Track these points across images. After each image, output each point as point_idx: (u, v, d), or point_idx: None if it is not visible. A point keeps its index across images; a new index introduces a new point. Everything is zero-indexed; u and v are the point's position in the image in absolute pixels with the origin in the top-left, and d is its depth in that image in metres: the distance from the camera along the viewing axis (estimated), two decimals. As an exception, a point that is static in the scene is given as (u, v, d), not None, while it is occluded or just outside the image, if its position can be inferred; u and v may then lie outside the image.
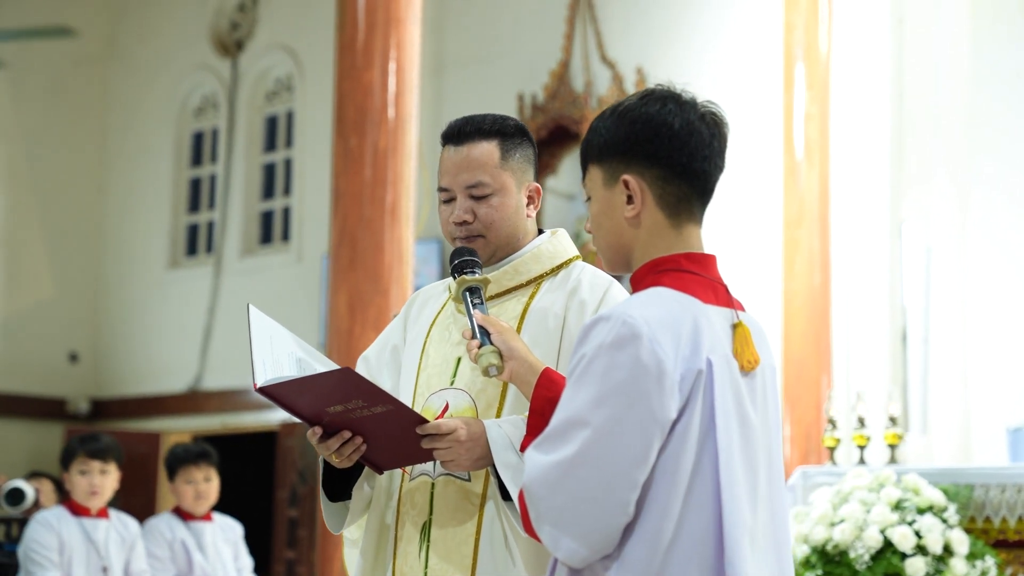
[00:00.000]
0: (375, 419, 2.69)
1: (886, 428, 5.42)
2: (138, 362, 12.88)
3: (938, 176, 9.23)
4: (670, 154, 2.30)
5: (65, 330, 13.10)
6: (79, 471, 5.72)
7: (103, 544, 5.75)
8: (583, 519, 2.15)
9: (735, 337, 2.31)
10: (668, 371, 2.16)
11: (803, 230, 8.94)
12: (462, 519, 2.78)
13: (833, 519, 5.00)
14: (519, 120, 3.02)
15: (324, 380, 2.64)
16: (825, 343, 8.87)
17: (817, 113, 9.05)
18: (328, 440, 2.73)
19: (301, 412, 2.73)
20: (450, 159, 2.93)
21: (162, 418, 12.54)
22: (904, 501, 4.94)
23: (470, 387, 2.85)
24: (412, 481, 2.85)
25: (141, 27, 13.40)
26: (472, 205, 2.90)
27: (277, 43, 12.53)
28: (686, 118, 2.31)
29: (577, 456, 2.15)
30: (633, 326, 2.17)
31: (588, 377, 2.17)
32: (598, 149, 2.36)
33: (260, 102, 12.81)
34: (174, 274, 13.01)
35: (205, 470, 6.14)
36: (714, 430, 2.20)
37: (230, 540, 6.31)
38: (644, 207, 2.32)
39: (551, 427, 2.20)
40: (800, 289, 8.91)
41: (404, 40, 7.22)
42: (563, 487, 2.15)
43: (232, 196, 12.64)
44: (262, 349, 2.75)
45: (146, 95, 13.33)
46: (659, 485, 2.17)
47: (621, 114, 2.35)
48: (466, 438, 2.69)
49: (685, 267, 2.32)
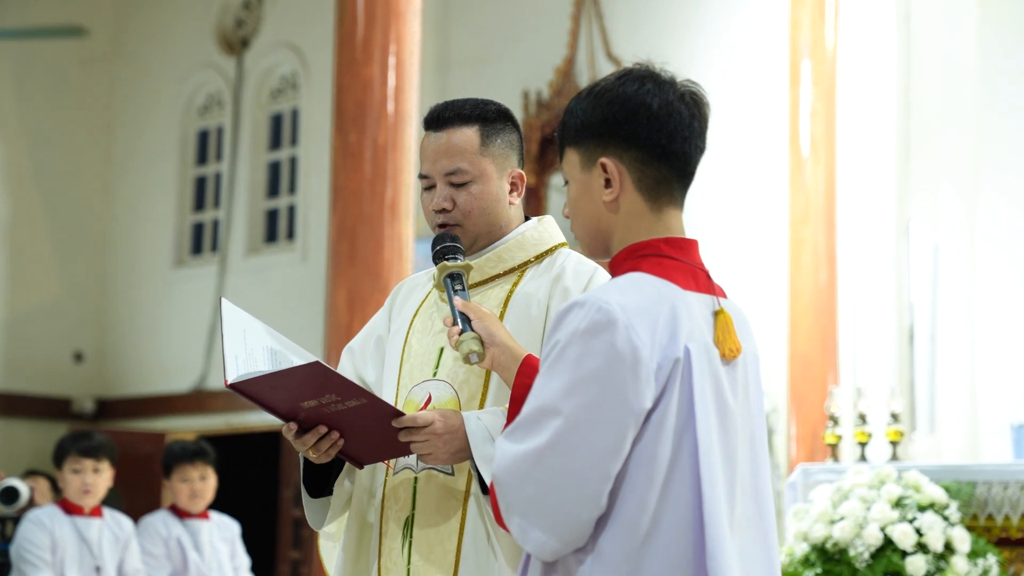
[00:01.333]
0: (350, 413, 2.64)
1: (888, 425, 5.34)
2: (143, 362, 12.85)
3: (945, 174, 9.15)
4: (648, 135, 2.23)
5: (70, 329, 13.08)
6: (72, 470, 5.67)
7: (96, 543, 5.70)
8: (553, 511, 2.09)
9: (716, 325, 2.25)
10: (644, 359, 2.10)
11: (809, 227, 8.88)
12: (446, 515, 2.73)
13: (833, 517, 4.93)
14: (502, 105, 2.95)
15: (295, 374, 2.59)
16: (831, 341, 8.80)
17: (823, 110, 8.98)
18: (304, 436, 2.68)
19: (275, 408, 2.68)
20: (430, 145, 2.87)
21: (167, 418, 12.51)
22: (905, 498, 4.87)
23: (452, 378, 2.79)
24: (395, 476, 2.79)
25: (146, 26, 13.38)
26: (452, 192, 2.84)
27: (282, 41, 12.50)
28: (665, 98, 2.25)
29: (548, 446, 2.09)
30: (608, 312, 2.11)
31: (561, 364, 2.12)
32: (575, 131, 2.30)
33: (265, 100, 12.78)
34: (179, 273, 12.98)
35: (201, 468, 6.08)
36: (693, 420, 2.14)
37: (227, 539, 6.25)
38: (622, 191, 2.25)
39: (522, 416, 2.15)
40: (806, 286, 8.85)
41: (404, 35, 7.16)
42: (533, 477, 2.09)
43: (237, 194, 12.61)
44: (234, 343, 2.69)
45: (151, 93, 13.30)
46: (635, 477, 2.11)
47: (598, 95, 2.28)
48: (443, 431, 2.63)
49: (665, 252, 2.25)
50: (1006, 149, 9.11)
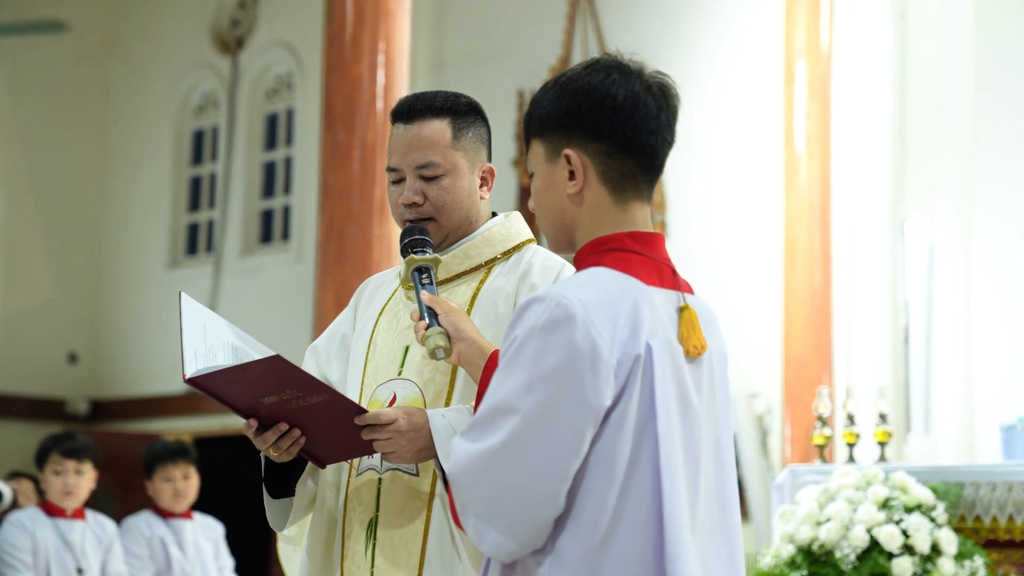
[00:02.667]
0: (312, 410, 2.59)
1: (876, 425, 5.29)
2: (138, 363, 12.81)
3: (941, 173, 9.11)
4: (613, 127, 2.19)
5: (64, 330, 13.04)
6: (53, 471, 5.62)
7: (79, 545, 5.64)
8: (509, 511, 2.05)
9: (681, 321, 2.20)
10: (603, 356, 2.05)
11: (803, 227, 8.84)
12: (410, 516, 2.68)
13: (819, 518, 4.88)
14: (472, 98, 2.90)
15: (254, 369, 2.54)
16: (826, 342, 8.76)
17: (818, 109, 8.94)
18: (265, 433, 2.63)
19: (235, 404, 2.62)
20: (400, 138, 2.82)
21: (162, 419, 12.47)
22: (891, 500, 4.82)
23: (418, 377, 2.74)
24: (359, 476, 2.74)
25: (141, 25, 13.35)
26: (422, 186, 2.79)
27: (277, 40, 12.46)
28: (631, 89, 2.20)
29: (504, 444, 2.05)
30: (567, 308, 2.06)
31: (519, 361, 2.07)
32: (540, 122, 2.25)
33: (260, 100, 12.74)
34: (174, 274, 12.95)
35: (184, 468, 6.03)
36: (654, 419, 2.09)
37: (211, 539, 6.21)
38: (587, 183, 2.21)
39: (479, 414, 2.10)
40: (800, 287, 8.80)
41: (393, 33, 7.13)
42: (489, 477, 2.05)
43: (232, 195, 12.58)
44: (194, 338, 2.64)
45: (146, 93, 13.27)
46: (594, 476, 2.07)
47: (563, 85, 2.24)
48: (407, 428, 2.58)
49: (629, 247, 2.20)
50: (1002, 148, 9.06)
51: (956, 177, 9.08)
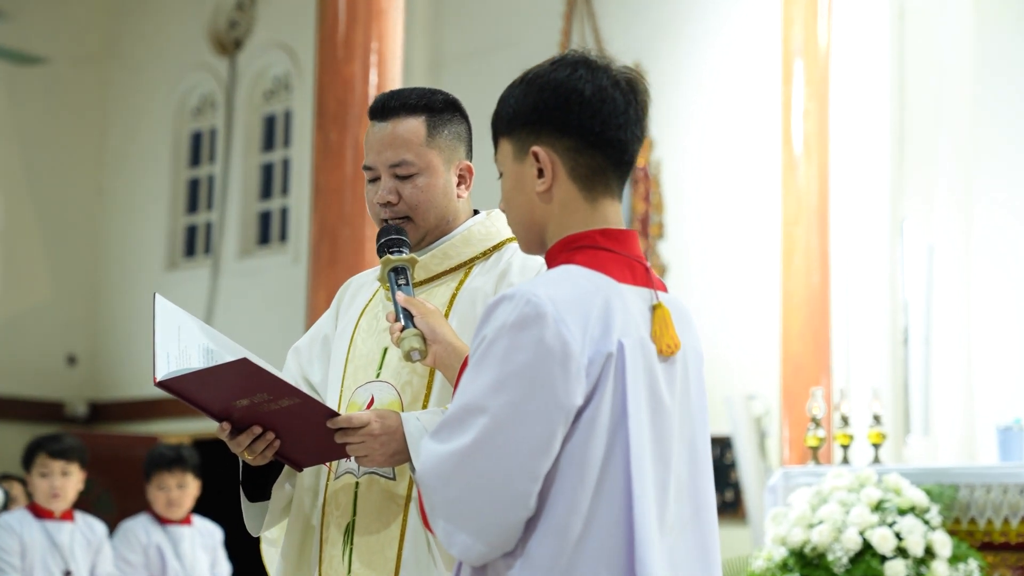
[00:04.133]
0: (284, 413, 2.55)
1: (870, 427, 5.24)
2: (136, 364, 12.77)
3: (940, 173, 9.06)
4: (581, 123, 2.15)
5: (63, 332, 13.02)
6: (40, 473, 5.58)
7: (67, 547, 5.60)
8: (479, 513, 2.01)
9: (654, 319, 2.16)
10: (574, 354, 2.01)
11: (802, 227, 8.78)
12: (386, 521, 2.64)
13: (811, 520, 4.84)
14: (450, 94, 2.86)
15: (223, 372, 2.50)
16: (824, 343, 8.71)
17: (816, 109, 8.89)
18: (238, 436, 2.59)
19: (207, 407, 2.59)
20: (374, 136, 2.79)
21: (161, 421, 12.44)
22: (885, 502, 4.77)
23: (395, 379, 2.71)
24: (336, 480, 2.71)
25: (139, 27, 13.33)
26: (397, 185, 2.75)
27: (275, 41, 12.44)
28: (598, 84, 2.16)
29: (473, 445, 2.01)
30: (537, 305, 2.02)
31: (488, 360, 2.04)
32: (507, 120, 2.22)
33: (258, 101, 12.71)
34: (172, 275, 12.93)
35: (179, 476, 5.95)
36: (626, 418, 2.05)
37: (208, 546, 6.15)
38: (556, 180, 2.17)
39: (448, 414, 2.07)
40: (799, 288, 8.75)
41: (386, 32, 7.08)
42: (458, 478, 2.01)
43: (230, 197, 12.55)
44: (167, 340, 2.61)
45: (144, 95, 13.25)
46: (565, 477, 2.03)
47: (530, 81, 2.21)
48: (380, 431, 2.54)
49: (600, 244, 2.17)
50: (1001, 149, 9.01)
51: (955, 177, 9.03)
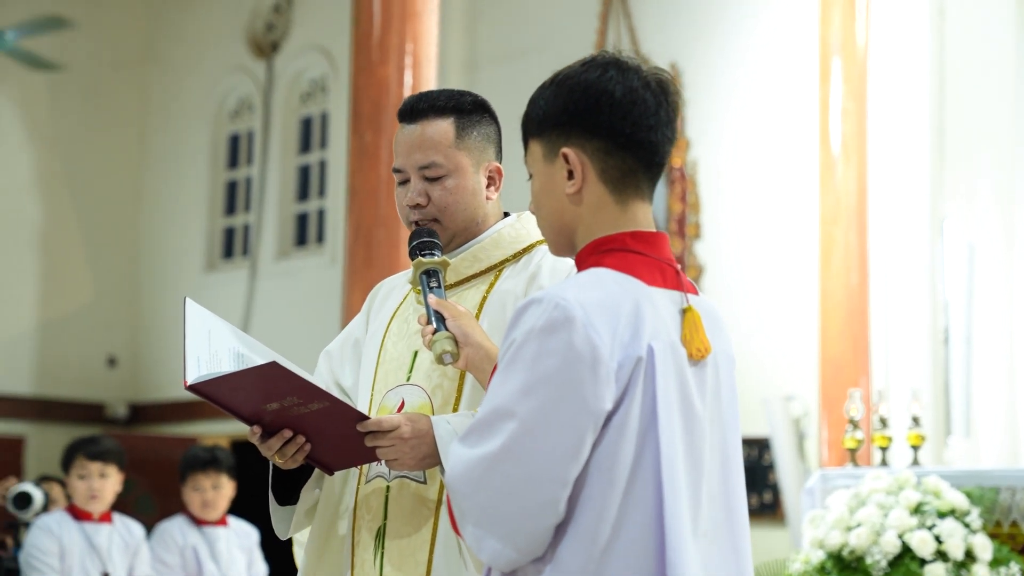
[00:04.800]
0: (314, 416, 2.54)
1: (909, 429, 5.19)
2: (176, 366, 12.81)
3: (981, 171, 8.96)
4: (611, 124, 2.13)
5: (103, 334, 13.10)
6: (78, 475, 5.60)
7: (105, 549, 5.62)
8: (508, 518, 1.99)
9: (684, 323, 2.14)
10: (603, 358, 1.99)
11: (840, 227, 8.71)
12: (417, 524, 2.63)
13: (850, 523, 4.78)
14: (479, 96, 2.84)
15: (252, 375, 2.49)
16: (863, 344, 8.63)
17: (854, 108, 8.82)
18: (269, 440, 2.58)
19: (238, 411, 2.58)
20: (403, 138, 2.79)
21: (200, 422, 12.49)
22: (924, 504, 4.71)
23: (426, 383, 2.69)
24: (367, 484, 2.70)
25: (177, 30, 13.40)
26: (426, 187, 2.75)
27: (312, 44, 12.47)
28: (629, 85, 2.15)
29: (502, 450, 1.99)
30: (566, 309, 2.00)
31: (517, 364, 2.02)
32: (537, 122, 2.21)
33: (295, 103, 12.75)
34: (211, 277, 12.98)
35: (213, 477, 5.96)
36: (656, 423, 2.02)
37: (244, 547, 6.15)
38: (586, 182, 2.16)
39: (477, 419, 2.05)
40: (837, 288, 8.68)
41: (421, 34, 7.08)
42: (487, 483, 2.00)
43: (267, 198, 12.59)
44: (197, 344, 2.60)
45: (183, 98, 13.32)
46: (595, 482, 2.01)
47: (560, 83, 2.20)
48: (410, 435, 2.53)
49: (630, 247, 2.14)
50: (1043, 145, 8.90)
51: (996, 175, 8.93)
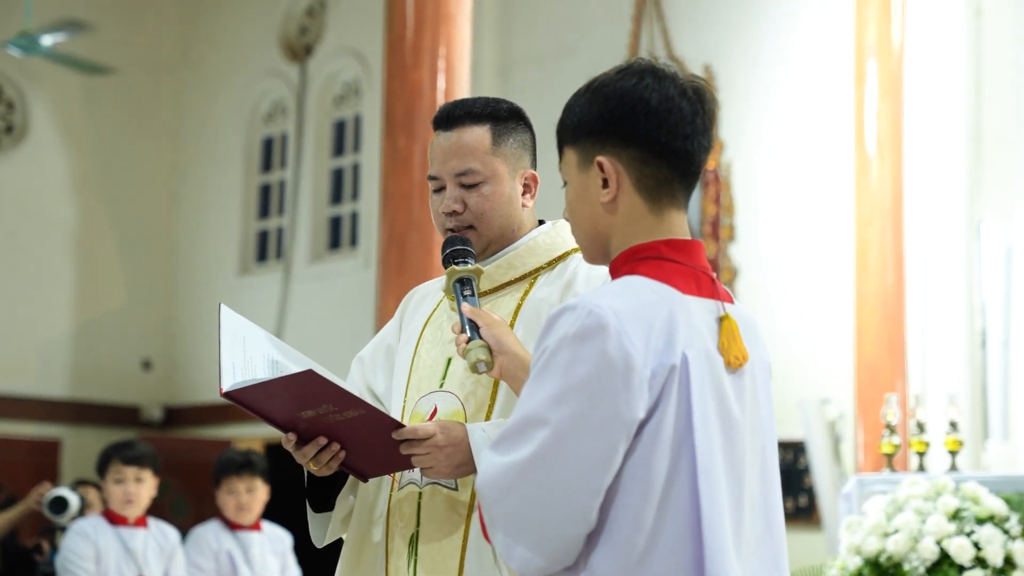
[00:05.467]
0: (349, 424, 2.54)
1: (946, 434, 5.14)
2: (210, 369, 12.88)
3: (1018, 172, 8.89)
4: (647, 132, 2.12)
5: (138, 338, 13.17)
6: (114, 479, 5.62)
7: (141, 554, 5.64)
8: (538, 526, 1.98)
9: (721, 331, 2.12)
10: (636, 366, 1.98)
11: (875, 229, 8.66)
12: (449, 531, 2.63)
13: (887, 529, 4.74)
14: (514, 103, 2.84)
15: (289, 383, 2.50)
16: (899, 347, 8.57)
17: (889, 108, 8.76)
18: (304, 447, 2.58)
19: (273, 418, 2.59)
20: (439, 145, 2.79)
21: (234, 425, 12.53)
22: (962, 511, 4.67)
23: (460, 390, 2.69)
24: (400, 491, 2.70)
25: (212, 34, 13.45)
26: (462, 194, 2.75)
27: (345, 47, 12.49)
28: (665, 93, 2.13)
29: (534, 457, 1.98)
30: (600, 316, 1.99)
31: (549, 371, 2.00)
32: (572, 129, 2.19)
33: (328, 106, 12.77)
34: (245, 280, 13.02)
35: (248, 481, 5.98)
36: (691, 432, 2.01)
37: (278, 551, 6.17)
38: (620, 191, 2.14)
39: (508, 426, 2.04)
40: (873, 290, 8.63)
41: (454, 38, 7.07)
42: (517, 491, 1.98)
43: (301, 202, 12.62)
44: (232, 351, 2.60)
45: (217, 101, 13.37)
46: (629, 491, 1.99)
47: (595, 90, 2.18)
48: (445, 443, 2.53)
49: (665, 255, 2.13)
50: (1081, 146, 8.82)
51: (1033, 176, 8.86)
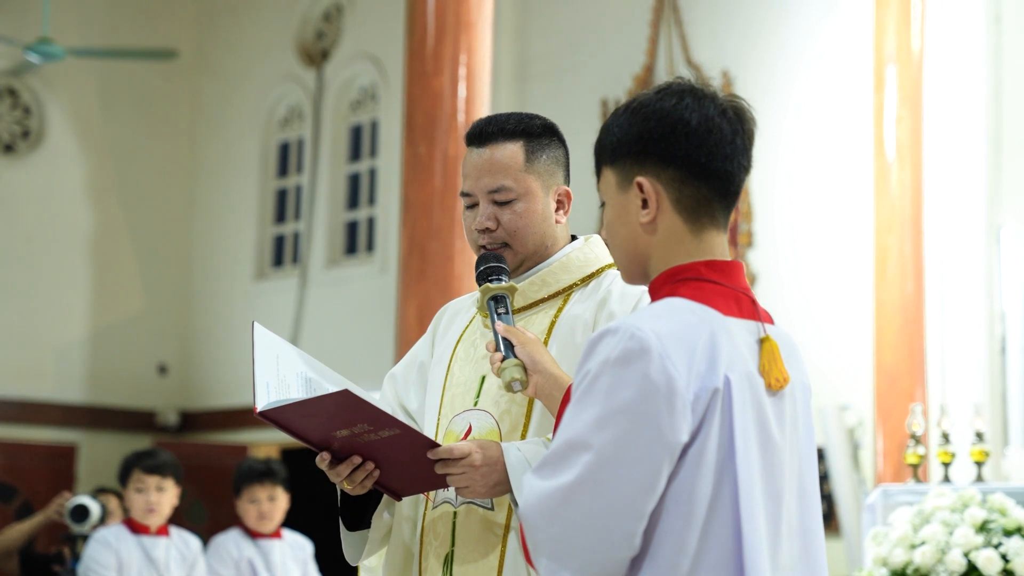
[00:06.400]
0: (384, 443, 2.54)
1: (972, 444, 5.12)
2: (226, 374, 12.89)
3: (1038, 178, 8.85)
4: (687, 153, 2.11)
5: (154, 342, 13.18)
6: (136, 488, 5.63)
7: (163, 562, 5.65)
8: (582, 551, 1.98)
9: (762, 353, 2.11)
10: (679, 390, 1.97)
11: (895, 236, 8.63)
12: (485, 551, 2.62)
13: (914, 541, 4.73)
14: (547, 119, 2.83)
15: (324, 403, 2.49)
16: (919, 353, 8.54)
17: (909, 115, 8.73)
18: (338, 466, 2.58)
19: (307, 437, 2.58)
20: (472, 162, 2.77)
21: (250, 430, 12.53)
22: (990, 522, 4.65)
23: (494, 408, 2.68)
24: (435, 510, 2.69)
25: (228, 40, 13.46)
26: (495, 211, 2.73)
27: (362, 52, 12.49)
28: (705, 113, 2.13)
29: (577, 482, 1.98)
30: (642, 340, 1.98)
31: (592, 395, 2.00)
32: (611, 149, 2.19)
33: (345, 111, 12.77)
34: (261, 285, 13.02)
35: (269, 489, 5.99)
36: (733, 455, 2.00)
37: (299, 559, 6.17)
38: (660, 211, 2.13)
39: (551, 450, 2.03)
40: (892, 297, 8.60)
41: (475, 45, 7.06)
42: (561, 516, 1.98)
43: (317, 207, 12.62)
44: (266, 369, 2.60)
45: (233, 107, 13.37)
46: (672, 515, 1.99)
47: (635, 110, 2.17)
48: (481, 463, 2.52)
49: (705, 276, 2.12)
50: (1101, 153, 8.79)
51: (1054, 183, 8.83)
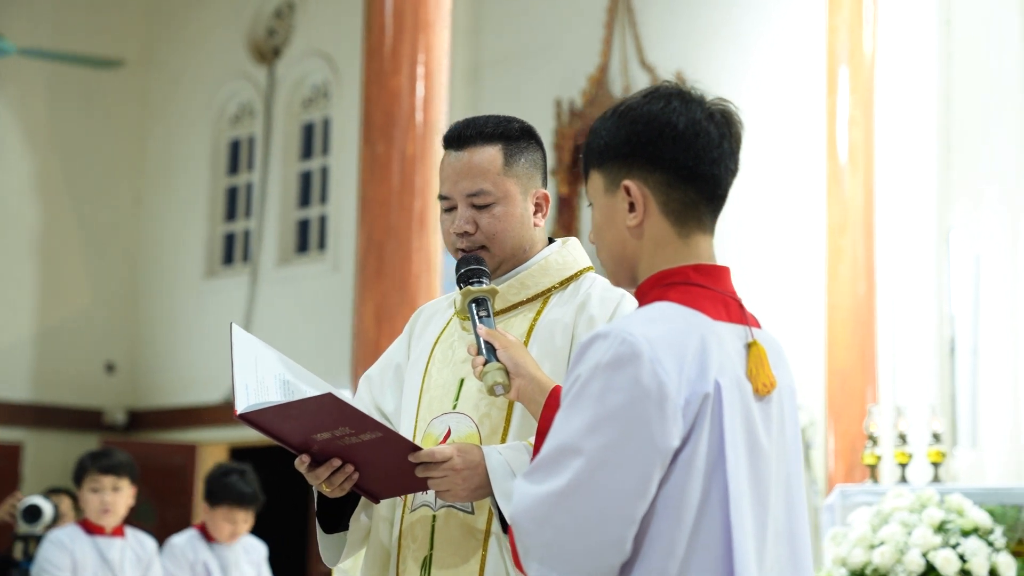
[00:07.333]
0: (365, 446, 2.52)
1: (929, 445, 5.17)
2: (175, 372, 12.79)
3: (987, 182, 8.96)
4: (675, 156, 2.11)
5: (102, 340, 13.05)
6: (91, 488, 5.54)
7: (118, 563, 5.58)
8: (573, 556, 1.97)
9: (749, 357, 2.12)
10: (671, 395, 1.97)
11: (847, 237, 8.71)
12: (464, 556, 2.61)
13: (872, 541, 4.77)
14: (525, 122, 2.82)
15: (306, 405, 2.47)
16: (870, 354, 8.63)
17: (861, 117, 8.81)
18: (317, 469, 2.56)
19: (287, 439, 2.57)
20: (450, 165, 2.76)
21: (198, 429, 12.45)
22: (948, 523, 4.70)
23: (473, 411, 2.67)
24: (413, 513, 2.67)
25: (178, 35, 13.35)
26: (474, 214, 2.72)
27: (314, 49, 12.43)
28: (692, 117, 2.13)
29: (568, 487, 1.97)
30: (633, 345, 1.98)
31: (583, 400, 1.99)
32: (598, 153, 2.18)
33: (297, 109, 12.71)
34: (211, 284, 12.93)
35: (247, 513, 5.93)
36: (723, 461, 2.00)
37: (254, 561, 6.13)
38: (647, 215, 2.13)
39: (542, 455, 2.03)
40: (844, 299, 8.68)
41: (433, 44, 7.05)
42: (552, 521, 1.97)
43: (268, 205, 12.55)
44: (245, 372, 2.58)
45: (183, 103, 13.27)
46: (662, 520, 1.99)
47: (622, 114, 2.17)
48: (462, 466, 2.51)
49: (693, 280, 2.12)
50: (1050, 157, 8.90)
51: (1003, 186, 8.94)
